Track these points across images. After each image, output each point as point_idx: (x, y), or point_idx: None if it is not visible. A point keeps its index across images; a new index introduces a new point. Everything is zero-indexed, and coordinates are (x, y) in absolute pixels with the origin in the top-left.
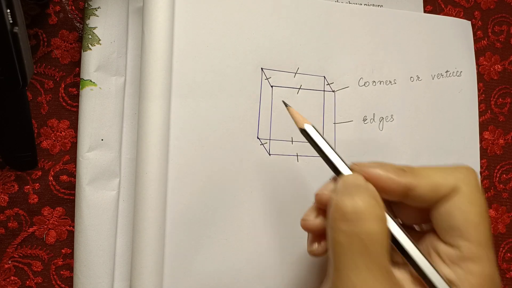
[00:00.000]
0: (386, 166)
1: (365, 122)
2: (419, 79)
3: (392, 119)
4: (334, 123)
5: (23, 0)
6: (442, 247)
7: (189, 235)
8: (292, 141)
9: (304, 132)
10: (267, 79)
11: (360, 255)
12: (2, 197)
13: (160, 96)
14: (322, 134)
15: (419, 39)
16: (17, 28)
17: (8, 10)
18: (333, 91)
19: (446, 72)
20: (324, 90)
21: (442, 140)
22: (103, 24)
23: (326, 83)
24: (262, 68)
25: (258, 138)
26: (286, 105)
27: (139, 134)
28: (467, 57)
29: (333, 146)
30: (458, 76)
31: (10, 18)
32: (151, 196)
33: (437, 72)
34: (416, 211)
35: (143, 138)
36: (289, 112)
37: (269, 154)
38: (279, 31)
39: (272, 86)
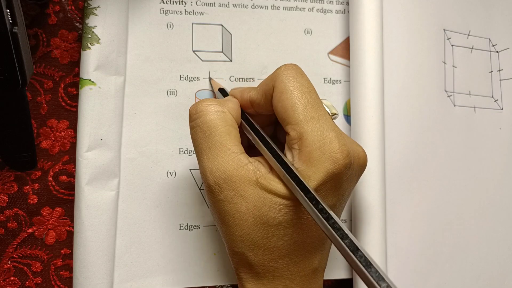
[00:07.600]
0: (240, 89)
1: None
2: None
3: None
4: (500, 80)
5: (23, 0)
6: (286, 139)
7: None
8: None
9: (220, 90)
10: (448, 39)
11: (204, 141)
12: (1, 197)
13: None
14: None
15: None
16: (17, 28)
17: (8, 10)
18: (497, 52)
19: None
20: (490, 51)
21: None
22: (103, 23)
23: (491, 44)
24: (444, 30)
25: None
26: (210, 78)
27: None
28: None
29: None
30: None
31: (10, 18)
32: None
33: None
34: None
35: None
36: (210, 82)
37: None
38: None
39: (452, 46)
